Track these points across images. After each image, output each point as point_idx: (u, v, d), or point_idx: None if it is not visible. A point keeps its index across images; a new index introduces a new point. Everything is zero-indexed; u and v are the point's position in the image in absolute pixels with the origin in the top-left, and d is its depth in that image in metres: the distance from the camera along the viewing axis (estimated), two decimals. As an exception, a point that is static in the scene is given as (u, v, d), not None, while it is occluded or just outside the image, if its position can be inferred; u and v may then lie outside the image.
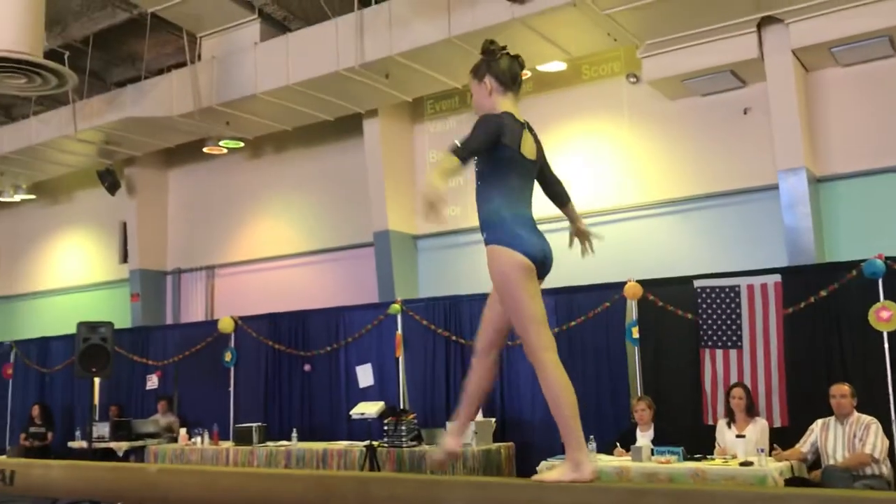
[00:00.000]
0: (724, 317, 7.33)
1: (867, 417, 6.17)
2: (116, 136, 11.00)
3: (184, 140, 11.22)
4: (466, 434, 7.17)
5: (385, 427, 7.95)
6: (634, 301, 7.73)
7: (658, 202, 9.05)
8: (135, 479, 3.56)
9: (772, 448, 6.36)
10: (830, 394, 6.27)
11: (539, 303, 2.91)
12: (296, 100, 9.57)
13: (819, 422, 6.35)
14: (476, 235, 3.09)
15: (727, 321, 7.32)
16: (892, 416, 6.49)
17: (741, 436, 6.47)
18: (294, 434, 8.70)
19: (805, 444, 6.34)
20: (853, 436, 6.13)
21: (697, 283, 7.52)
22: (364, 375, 9.18)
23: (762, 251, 8.18)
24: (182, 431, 9.36)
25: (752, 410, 6.71)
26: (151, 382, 10.73)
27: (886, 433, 6.21)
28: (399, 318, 9.03)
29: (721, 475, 5.84)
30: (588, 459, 2.70)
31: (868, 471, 6.02)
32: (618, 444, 6.82)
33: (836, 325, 6.93)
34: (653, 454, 6.29)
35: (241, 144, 11.38)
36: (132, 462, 9.05)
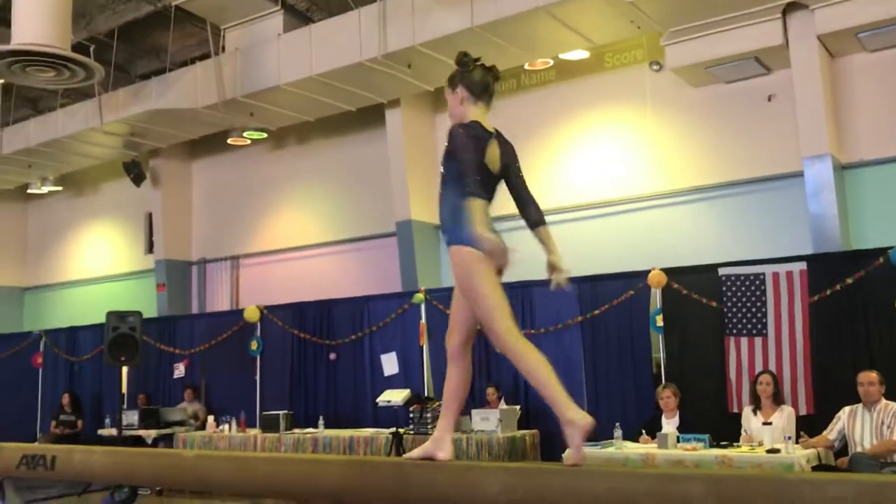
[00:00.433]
0: (749, 305, 7.31)
1: (895, 405, 6.15)
2: (141, 128, 11.14)
3: (208, 131, 11.32)
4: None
5: (410, 414, 8.06)
6: (659, 289, 7.72)
7: (682, 190, 9.02)
8: (172, 465, 3.65)
9: (798, 436, 6.36)
10: (858, 381, 6.24)
11: (501, 293, 3.01)
12: (318, 91, 9.62)
13: (846, 409, 6.33)
14: (498, 224, 3.14)
15: (752, 309, 7.30)
16: (920, 404, 6.46)
17: (767, 423, 6.46)
18: (321, 421, 8.80)
19: (832, 432, 6.32)
20: (881, 423, 6.10)
21: (722, 272, 7.50)
22: (389, 364, 9.26)
23: (787, 239, 8.15)
24: (210, 419, 9.48)
25: (779, 398, 6.70)
26: (179, 371, 10.85)
27: (914, 420, 6.18)
28: (423, 308, 9.09)
29: (748, 462, 5.85)
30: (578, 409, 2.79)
31: None
32: (643, 432, 6.84)
33: (863, 313, 6.89)
34: (678, 441, 6.32)
35: (265, 135, 11.47)
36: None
